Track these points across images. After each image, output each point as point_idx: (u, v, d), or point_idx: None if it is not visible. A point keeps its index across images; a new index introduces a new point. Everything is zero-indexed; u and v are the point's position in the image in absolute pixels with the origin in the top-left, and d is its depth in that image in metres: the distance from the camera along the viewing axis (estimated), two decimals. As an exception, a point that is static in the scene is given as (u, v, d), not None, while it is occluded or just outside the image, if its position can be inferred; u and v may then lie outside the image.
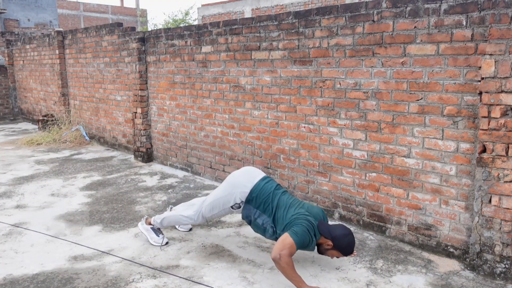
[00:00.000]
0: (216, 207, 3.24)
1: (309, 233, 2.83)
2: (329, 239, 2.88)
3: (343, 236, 2.87)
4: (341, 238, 2.87)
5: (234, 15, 18.59)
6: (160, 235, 3.55)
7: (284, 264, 2.70)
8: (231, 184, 3.21)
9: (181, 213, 3.44)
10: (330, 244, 2.88)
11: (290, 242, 2.75)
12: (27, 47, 10.04)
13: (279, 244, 2.75)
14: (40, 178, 5.61)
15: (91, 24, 32.28)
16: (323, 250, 2.96)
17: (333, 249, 2.89)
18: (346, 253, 2.90)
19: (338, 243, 2.86)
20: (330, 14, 3.80)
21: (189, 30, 5.43)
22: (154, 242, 3.52)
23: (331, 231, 2.89)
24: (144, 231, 3.59)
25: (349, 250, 2.89)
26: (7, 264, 3.24)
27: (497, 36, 2.78)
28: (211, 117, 5.31)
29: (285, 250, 2.71)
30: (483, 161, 2.91)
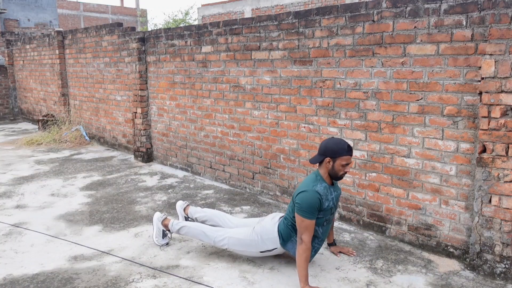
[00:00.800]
0: (243, 246, 3.16)
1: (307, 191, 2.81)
2: (323, 158, 2.86)
3: (326, 144, 2.86)
4: (327, 146, 2.85)
5: (234, 15, 18.59)
6: (166, 238, 3.52)
7: (302, 251, 2.77)
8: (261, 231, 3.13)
9: (204, 229, 3.30)
10: (329, 159, 2.85)
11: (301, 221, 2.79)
12: (27, 47, 10.05)
13: (298, 228, 2.82)
14: (40, 178, 5.61)
15: (91, 24, 32.28)
16: (333, 173, 2.88)
17: (334, 160, 2.83)
18: (344, 151, 2.82)
19: (329, 152, 2.83)
20: (330, 14, 3.80)
21: (189, 30, 5.43)
22: (157, 241, 3.51)
23: (318, 154, 2.89)
24: (156, 227, 3.51)
25: (342, 147, 2.83)
26: (7, 264, 3.24)
27: (497, 36, 2.78)
28: (211, 117, 5.31)
29: (304, 234, 2.79)
30: (483, 161, 2.91)
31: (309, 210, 2.80)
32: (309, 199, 2.81)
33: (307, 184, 2.89)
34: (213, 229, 3.32)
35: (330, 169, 2.88)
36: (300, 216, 2.81)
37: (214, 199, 4.70)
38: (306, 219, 2.80)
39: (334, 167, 2.87)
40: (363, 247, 3.47)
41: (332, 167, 2.87)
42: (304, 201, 2.81)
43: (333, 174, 2.90)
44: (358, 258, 3.28)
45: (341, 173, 2.89)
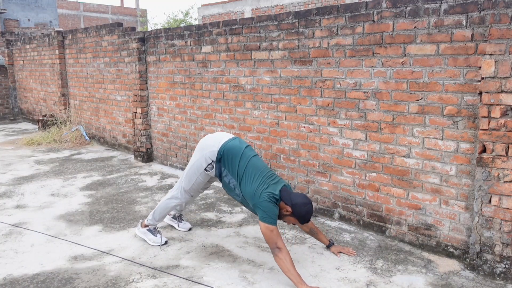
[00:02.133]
0: (193, 176, 3.34)
1: (273, 203, 2.91)
2: (289, 205, 2.92)
3: (303, 205, 2.92)
4: (301, 206, 2.92)
5: (234, 15, 18.59)
6: (158, 234, 3.55)
7: (283, 256, 2.81)
8: (200, 148, 3.32)
9: (164, 198, 3.56)
10: (289, 210, 2.93)
11: (270, 228, 2.87)
12: (27, 47, 10.04)
13: (268, 238, 2.88)
14: (40, 178, 5.61)
15: (91, 24, 32.28)
16: (281, 215, 3.00)
17: (291, 215, 2.95)
18: (302, 220, 2.97)
19: (297, 210, 2.92)
20: (330, 14, 3.80)
21: (189, 30, 5.43)
22: (153, 242, 3.52)
23: (292, 198, 2.94)
24: (142, 234, 3.61)
25: (306, 218, 2.96)
26: (7, 264, 3.24)
27: (497, 36, 2.78)
28: (211, 117, 5.31)
29: (278, 240, 2.85)
30: (483, 161, 2.91)
31: (274, 217, 2.89)
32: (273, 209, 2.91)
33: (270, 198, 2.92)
34: (171, 191, 3.56)
35: (281, 213, 2.97)
36: (268, 225, 2.86)
37: (214, 199, 4.69)
38: (272, 225, 2.87)
39: (284, 217, 3.00)
40: (363, 247, 3.47)
41: (284, 215, 2.98)
42: (270, 209, 2.89)
43: (280, 215, 2.99)
44: (358, 258, 3.28)
45: (284, 221, 3.05)
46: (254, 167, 3.09)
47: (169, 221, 3.92)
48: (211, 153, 3.21)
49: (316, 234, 3.38)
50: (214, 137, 3.33)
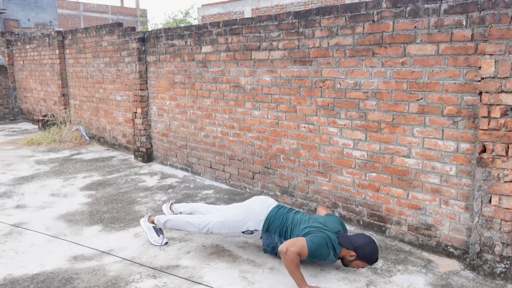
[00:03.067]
0: (226, 228, 3.24)
1: (327, 246, 2.83)
2: (351, 249, 2.87)
3: (365, 245, 2.86)
4: (364, 247, 2.85)
5: (234, 15, 18.59)
6: (161, 235, 3.54)
7: (289, 259, 2.73)
8: (247, 211, 3.23)
9: (187, 219, 3.40)
10: (354, 255, 2.87)
11: (303, 244, 2.77)
12: (27, 47, 10.04)
13: (291, 241, 2.79)
14: (40, 178, 5.61)
15: (91, 24, 32.27)
16: (347, 262, 2.95)
17: (357, 259, 2.88)
18: (370, 261, 2.89)
19: (361, 253, 2.85)
20: (330, 14, 3.80)
21: (189, 30, 5.43)
22: (154, 241, 3.51)
23: (352, 242, 2.89)
24: (146, 229, 3.57)
25: (373, 258, 2.88)
26: (7, 264, 3.24)
27: (497, 36, 2.78)
28: (211, 117, 5.31)
29: (294, 248, 2.75)
30: (483, 161, 2.91)
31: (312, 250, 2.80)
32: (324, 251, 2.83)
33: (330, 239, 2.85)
34: (196, 217, 3.42)
35: (347, 259, 2.92)
36: (308, 244, 2.79)
37: (214, 199, 4.69)
38: (308, 248, 2.79)
39: (351, 262, 2.92)
40: (363, 247, 3.47)
41: (349, 261, 2.92)
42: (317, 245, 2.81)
43: (345, 263, 2.95)
44: (358, 258, 3.28)
45: (350, 267, 2.98)
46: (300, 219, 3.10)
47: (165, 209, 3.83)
48: (256, 222, 3.15)
49: None
50: (262, 203, 3.27)
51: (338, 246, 2.89)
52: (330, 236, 2.88)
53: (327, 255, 2.86)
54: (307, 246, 2.78)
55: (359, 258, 2.87)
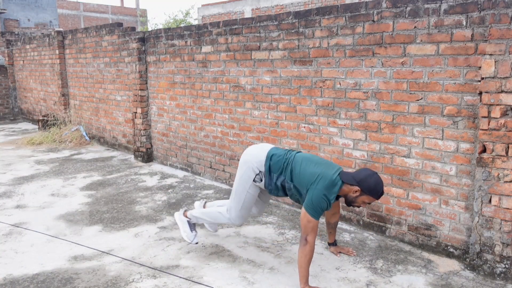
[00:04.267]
0: (243, 191, 3.08)
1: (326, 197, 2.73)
2: (355, 184, 2.74)
3: (368, 177, 2.73)
4: (367, 179, 2.73)
5: (234, 15, 18.58)
6: (194, 231, 3.37)
7: (307, 252, 2.71)
8: (244, 161, 3.10)
9: (218, 210, 3.29)
10: (358, 190, 2.74)
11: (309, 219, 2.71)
12: (27, 47, 10.05)
13: (303, 227, 2.75)
14: (40, 178, 5.61)
15: (91, 24, 32.27)
16: (351, 200, 2.81)
17: (362, 194, 2.75)
18: (376, 194, 2.75)
19: (366, 186, 2.72)
20: (330, 14, 3.80)
21: (189, 30, 5.43)
22: (187, 236, 3.34)
23: (355, 177, 2.75)
24: (180, 222, 3.41)
25: (378, 189, 2.74)
26: (7, 264, 3.24)
27: (497, 36, 2.78)
28: (211, 117, 5.31)
29: (310, 235, 2.72)
30: (483, 161, 2.91)
31: (319, 211, 2.73)
32: (323, 203, 2.74)
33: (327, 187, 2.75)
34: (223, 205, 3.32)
35: (351, 196, 2.79)
36: (309, 215, 2.72)
37: (214, 199, 4.69)
38: (314, 218, 2.72)
39: (356, 198, 2.79)
40: (363, 247, 3.47)
41: (355, 196, 2.79)
42: (319, 202, 2.73)
43: (349, 200, 2.83)
44: (358, 258, 3.28)
45: (356, 205, 2.84)
46: (304, 157, 2.96)
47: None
48: (258, 163, 3.01)
49: (334, 229, 3.32)
50: (257, 147, 3.16)
51: (338, 185, 2.76)
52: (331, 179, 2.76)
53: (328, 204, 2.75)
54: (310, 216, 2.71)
55: (363, 192, 2.74)
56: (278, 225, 3.94)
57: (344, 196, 2.84)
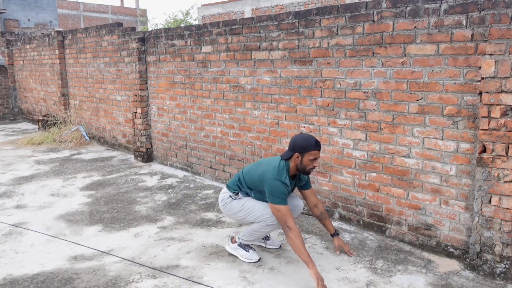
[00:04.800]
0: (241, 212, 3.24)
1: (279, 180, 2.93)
2: (292, 153, 2.96)
3: (296, 140, 2.98)
4: (296, 141, 2.96)
5: (234, 15, 18.58)
6: (250, 250, 3.28)
7: (294, 237, 2.83)
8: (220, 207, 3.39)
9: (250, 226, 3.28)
10: (297, 155, 2.95)
11: (277, 208, 2.90)
12: (27, 47, 10.04)
13: (278, 218, 2.94)
14: (40, 178, 5.61)
15: (91, 24, 32.27)
16: (302, 167, 2.99)
17: (302, 156, 2.94)
18: (310, 147, 2.93)
19: (298, 147, 2.93)
20: (330, 14, 3.80)
21: (189, 30, 5.43)
22: (246, 258, 3.24)
23: (289, 149, 3.00)
24: (232, 250, 3.34)
25: (310, 142, 2.93)
26: (7, 264, 3.24)
27: (497, 36, 2.78)
28: (211, 117, 5.31)
29: (287, 220, 2.87)
30: (483, 161, 2.91)
31: (282, 197, 2.92)
32: (280, 188, 2.93)
33: (275, 174, 2.96)
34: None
35: (298, 164, 2.99)
36: (275, 205, 2.91)
37: (214, 199, 4.69)
38: (281, 205, 2.90)
39: (302, 162, 2.97)
40: (363, 247, 3.47)
41: (300, 161, 2.97)
42: (278, 189, 2.92)
43: (301, 168, 3.00)
44: (358, 258, 3.28)
45: (309, 168, 3.00)
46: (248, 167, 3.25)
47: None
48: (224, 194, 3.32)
49: (325, 219, 3.35)
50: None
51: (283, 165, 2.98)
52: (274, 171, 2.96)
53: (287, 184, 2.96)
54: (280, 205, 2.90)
55: (302, 153, 2.94)
56: (278, 225, 3.94)
57: (296, 169, 3.02)
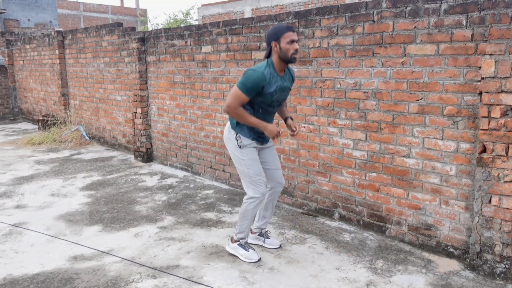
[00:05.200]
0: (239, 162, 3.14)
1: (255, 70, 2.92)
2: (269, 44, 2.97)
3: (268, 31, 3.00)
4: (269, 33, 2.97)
5: (234, 15, 18.59)
6: (250, 249, 3.26)
7: (233, 112, 2.96)
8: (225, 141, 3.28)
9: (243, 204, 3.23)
10: (274, 44, 2.94)
11: (235, 92, 2.94)
12: (27, 47, 10.05)
13: (228, 98, 2.98)
14: (40, 178, 5.61)
15: (91, 24, 32.28)
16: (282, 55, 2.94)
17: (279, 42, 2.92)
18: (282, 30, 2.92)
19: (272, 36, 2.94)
20: (330, 14, 3.80)
21: (189, 30, 5.43)
22: (246, 258, 3.22)
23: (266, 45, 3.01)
24: (232, 250, 3.32)
25: (281, 26, 2.94)
26: (7, 264, 3.24)
27: (497, 36, 2.78)
28: (211, 117, 5.31)
29: (231, 101, 2.95)
30: (483, 161, 2.91)
31: (249, 86, 2.90)
32: (255, 77, 2.90)
33: (257, 67, 2.97)
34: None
35: (279, 53, 2.94)
36: (237, 88, 2.93)
37: (214, 199, 4.69)
38: (241, 91, 2.91)
39: (281, 49, 2.92)
40: (363, 247, 3.47)
41: (279, 49, 2.93)
42: (250, 77, 2.90)
43: (283, 56, 2.95)
44: (358, 258, 3.28)
45: (290, 52, 2.93)
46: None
47: (254, 240, 3.51)
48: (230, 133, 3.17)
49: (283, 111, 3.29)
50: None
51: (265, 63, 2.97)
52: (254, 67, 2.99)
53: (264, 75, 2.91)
54: (239, 89, 2.92)
55: (277, 40, 2.92)
56: (278, 225, 3.94)
57: (280, 60, 2.97)
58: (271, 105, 3.07)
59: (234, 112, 2.97)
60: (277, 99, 3.06)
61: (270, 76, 2.95)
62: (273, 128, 2.98)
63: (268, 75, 2.93)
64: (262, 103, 3.01)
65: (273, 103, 3.06)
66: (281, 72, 3.03)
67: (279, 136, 2.99)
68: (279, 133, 2.98)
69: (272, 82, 2.95)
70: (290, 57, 2.94)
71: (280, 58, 2.96)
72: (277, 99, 3.06)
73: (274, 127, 2.98)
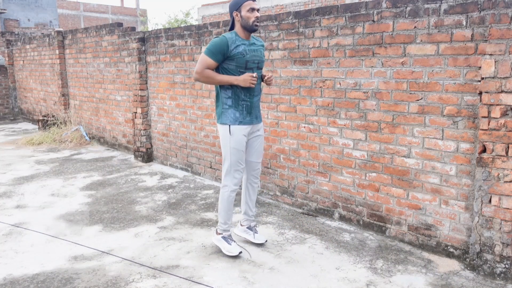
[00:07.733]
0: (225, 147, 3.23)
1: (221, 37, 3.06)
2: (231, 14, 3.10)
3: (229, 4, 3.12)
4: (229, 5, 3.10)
5: (234, 15, 18.56)
6: (232, 242, 3.31)
7: (201, 76, 3.11)
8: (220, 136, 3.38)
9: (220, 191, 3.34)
10: (236, 13, 3.07)
11: (201, 58, 3.09)
12: (27, 47, 10.05)
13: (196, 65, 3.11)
14: (40, 178, 5.61)
15: (91, 24, 32.28)
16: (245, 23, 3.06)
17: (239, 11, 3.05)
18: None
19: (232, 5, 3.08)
20: (330, 14, 3.81)
21: (189, 30, 5.43)
22: (228, 251, 3.27)
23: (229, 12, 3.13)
24: (217, 242, 3.37)
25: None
26: (7, 264, 3.24)
27: (497, 36, 2.78)
28: (211, 117, 5.31)
29: (198, 67, 3.09)
30: (483, 161, 2.91)
31: (213, 50, 3.04)
32: (218, 40, 3.05)
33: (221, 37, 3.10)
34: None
35: (241, 21, 3.07)
36: (203, 54, 3.07)
37: (214, 199, 4.69)
38: (206, 55, 3.05)
39: (242, 17, 3.06)
40: (363, 247, 3.47)
41: (241, 17, 3.06)
42: (214, 42, 3.06)
43: (245, 24, 3.08)
44: (358, 258, 3.28)
45: (251, 20, 3.06)
46: None
47: (243, 233, 3.56)
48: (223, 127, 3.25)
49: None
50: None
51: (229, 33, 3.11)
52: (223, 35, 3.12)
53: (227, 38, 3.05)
54: (205, 54, 3.06)
55: (237, 9, 3.06)
56: (278, 225, 3.94)
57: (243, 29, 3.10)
58: (249, 67, 3.15)
59: (202, 75, 3.10)
60: (252, 59, 3.15)
61: (235, 39, 3.08)
62: (244, 76, 3.07)
63: (232, 38, 3.07)
64: (238, 67, 3.12)
65: (249, 64, 3.14)
66: (247, 38, 3.16)
67: (254, 79, 3.08)
68: (252, 76, 3.07)
69: (238, 44, 3.08)
70: (251, 25, 3.08)
71: (242, 27, 3.11)
72: (252, 60, 3.15)
73: (244, 75, 3.07)
